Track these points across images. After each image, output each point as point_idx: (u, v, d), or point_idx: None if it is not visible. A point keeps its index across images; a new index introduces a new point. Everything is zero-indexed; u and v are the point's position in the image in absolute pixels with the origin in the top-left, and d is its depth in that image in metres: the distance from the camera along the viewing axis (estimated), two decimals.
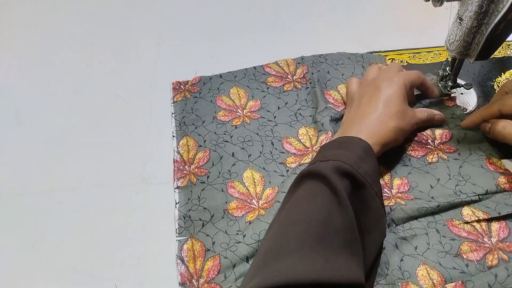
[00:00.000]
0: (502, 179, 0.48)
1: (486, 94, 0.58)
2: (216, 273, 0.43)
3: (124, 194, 0.50)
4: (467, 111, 0.56)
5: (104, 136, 0.56)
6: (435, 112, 0.53)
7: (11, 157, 0.55)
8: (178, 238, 0.46)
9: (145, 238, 0.47)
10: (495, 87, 0.58)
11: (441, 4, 0.46)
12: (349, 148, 0.42)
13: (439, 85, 0.56)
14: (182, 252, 0.45)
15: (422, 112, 0.51)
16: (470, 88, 0.56)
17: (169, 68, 0.64)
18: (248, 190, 0.49)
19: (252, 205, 0.48)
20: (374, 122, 0.46)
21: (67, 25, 0.72)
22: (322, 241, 0.35)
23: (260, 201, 0.48)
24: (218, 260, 0.44)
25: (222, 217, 0.47)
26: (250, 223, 0.46)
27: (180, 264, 0.44)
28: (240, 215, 0.47)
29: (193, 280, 0.43)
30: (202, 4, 0.74)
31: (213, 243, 0.45)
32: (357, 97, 0.51)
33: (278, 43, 0.66)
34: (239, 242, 0.45)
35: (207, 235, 0.46)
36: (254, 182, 0.50)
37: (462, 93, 0.58)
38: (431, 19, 0.67)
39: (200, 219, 0.47)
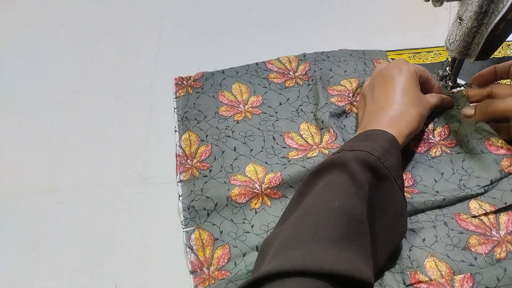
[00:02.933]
0: (505, 163, 0.47)
1: None
2: (226, 261, 0.44)
3: (124, 194, 0.50)
4: None
5: (104, 136, 0.56)
6: (443, 96, 0.52)
7: (11, 157, 0.55)
8: (185, 229, 0.46)
9: (145, 238, 0.47)
10: None
11: (441, 4, 0.46)
12: (374, 140, 0.41)
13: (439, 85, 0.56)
14: (190, 241, 0.45)
15: (432, 97, 0.51)
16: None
17: (169, 68, 0.64)
18: (251, 178, 0.50)
19: (255, 190, 0.48)
20: (395, 113, 0.45)
21: (67, 25, 0.72)
22: (336, 232, 0.34)
23: (263, 185, 0.48)
24: (227, 249, 0.44)
25: (226, 205, 0.47)
26: (256, 212, 0.47)
27: (190, 252, 0.44)
28: (244, 201, 0.47)
29: (204, 268, 0.43)
30: (202, 4, 0.74)
31: (221, 232, 0.46)
32: (369, 90, 0.50)
33: (278, 43, 0.66)
34: (248, 232, 0.45)
35: (214, 224, 0.46)
36: (257, 172, 0.50)
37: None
38: (431, 19, 0.67)
39: (204, 209, 0.47)
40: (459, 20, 0.45)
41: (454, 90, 0.56)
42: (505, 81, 0.52)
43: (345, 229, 0.35)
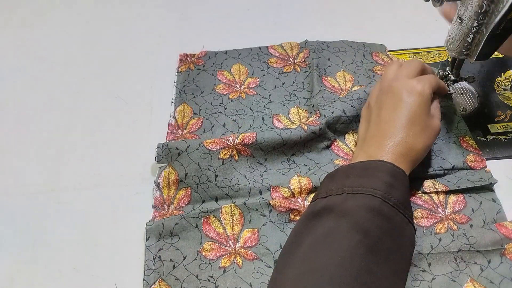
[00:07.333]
0: (470, 157, 0.50)
1: (486, 94, 0.58)
2: None
3: (124, 194, 0.50)
4: (466, 111, 0.56)
5: (104, 136, 0.56)
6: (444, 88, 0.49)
7: (11, 157, 0.55)
8: (146, 279, 0.43)
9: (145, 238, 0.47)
10: (495, 87, 0.58)
11: (441, 4, 0.46)
12: (375, 175, 0.39)
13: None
14: None
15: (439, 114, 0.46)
16: (473, 82, 0.55)
17: (169, 69, 0.64)
18: (225, 229, 0.46)
19: (228, 248, 0.45)
20: (401, 147, 0.42)
21: (67, 25, 0.72)
22: None
23: (237, 244, 0.45)
24: None
25: (195, 259, 0.44)
26: (224, 271, 0.43)
27: None
28: (213, 258, 0.44)
29: None
30: (202, 5, 0.74)
31: None
32: (375, 106, 0.46)
33: (278, 43, 0.66)
34: None
35: (177, 279, 0.43)
36: (233, 220, 0.46)
37: (462, 93, 0.58)
38: (431, 19, 0.67)
39: (171, 260, 0.44)
40: (459, 20, 0.45)
41: (457, 85, 0.56)
42: None
43: (352, 284, 0.33)
